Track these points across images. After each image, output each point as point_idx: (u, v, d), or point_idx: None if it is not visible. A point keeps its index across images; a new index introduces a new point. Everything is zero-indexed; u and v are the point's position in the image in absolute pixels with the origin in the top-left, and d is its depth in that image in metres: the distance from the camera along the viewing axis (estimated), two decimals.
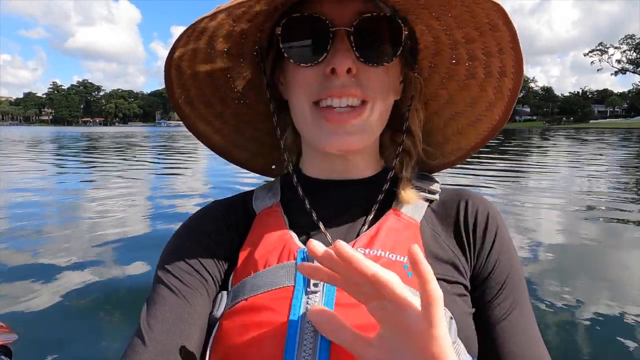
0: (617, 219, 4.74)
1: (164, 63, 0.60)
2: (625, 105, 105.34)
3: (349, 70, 0.56)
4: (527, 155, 13.56)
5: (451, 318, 0.52)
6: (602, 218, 4.80)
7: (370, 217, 0.62)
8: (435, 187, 0.67)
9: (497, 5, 0.52)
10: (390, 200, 0.64)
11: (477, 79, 0.67)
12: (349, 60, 0.56)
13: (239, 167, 0.81)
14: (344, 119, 0.58)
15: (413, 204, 0.63)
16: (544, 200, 5.77)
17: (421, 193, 0.66)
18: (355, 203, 0.65)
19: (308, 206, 0.62)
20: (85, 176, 8.89)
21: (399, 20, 0.58)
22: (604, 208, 5.36)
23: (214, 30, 0.59)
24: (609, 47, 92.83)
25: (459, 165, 0.75)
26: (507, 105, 0.66)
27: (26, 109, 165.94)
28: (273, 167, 0.83)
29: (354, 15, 0.57)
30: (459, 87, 0.70)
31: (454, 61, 0.68)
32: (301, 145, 0.71)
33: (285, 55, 0.59)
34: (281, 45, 0.59)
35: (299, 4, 0.60)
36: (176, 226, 0.66)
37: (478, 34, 0.61)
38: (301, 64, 0.59)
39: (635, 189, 6.98)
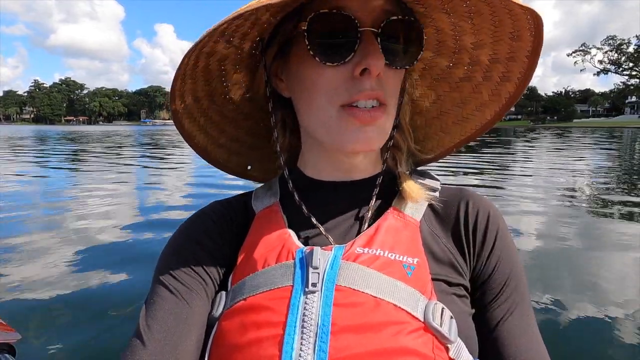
0: (604, 214, 4.77)
1: (189, 50, 0.55)
2: (607, 105, 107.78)
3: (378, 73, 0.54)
4: (514, 154, 13.71)
5: (451, 317, 0.52)
6: (588, 213, 4.83)
7: (369, 215, 0.62)
8: (436, 184, 0.66)
9: (538, 17, 0.51)
10: (390, 199, 0.64)
11: (472, 82, 0.66)
12: (382, 62, 0.54)
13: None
14: (374, 117, 0.56)
15: (413, 203, 0.62)
16: (530, 195, 5.81)
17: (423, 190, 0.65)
18: (356, 203, 0.64)
19: (305, 211, 0.62)
20: (86, 177, 8.72)
21: (422, 26, 0.57)
22: (592, 202, 5.42)
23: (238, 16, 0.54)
24: (591, 48, 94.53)
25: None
26: (503, 107, 0.64)
27: (6, 108, 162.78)
28: (249, 167, 0.82)
29: (379, 14, 0.56)
30: (450, 89, 0.69)
31: (450, 64, 0.67)
32: (289, 145, 0.70)
33: (311, 53, 0.56)
34: (306, 42, 0.56)
35: None
36: (174, 227, 0.67)
37: (492, 41, 0.60)
38: (327, 63, 0.56)
39: (621, 183, 7.10)
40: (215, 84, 0.68)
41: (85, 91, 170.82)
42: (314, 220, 0.61)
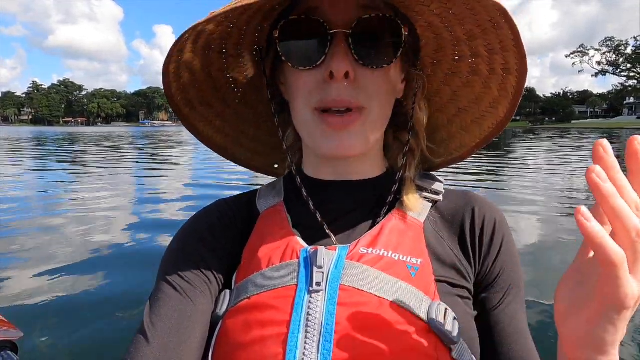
0: None
1: (162, 68, 0.58)
2: (605, 106, 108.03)
3: (347, 75, 0.54)
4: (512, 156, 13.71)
5: (454, 318, 0.52)
6: None
7: (377, 218, 0.62)
8: (439, 187, 0.66)
9: (498, 4, 0.51)
10: (394, 201, 0.64)
11: (480, 76, 0.66)
12: (347, 64, 0.54)
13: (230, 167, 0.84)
14: (345, 124, 0.56)
15: (411, 211, 0.62)
16: (528, 197, 5.79)
17: (424, 194, 0.65)
18: (360, 204, 0.64)
19: (312, 207, 0.62)
20: (89, 180, 8.69)
21: (399, 21, 0.57)
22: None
23: (211, 33, 0.58)
24: (589, 49, 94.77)
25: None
26: (512, 102, 0.64)
27: (5, 109, 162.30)
28: (275, 166, 0.82)
29: (353, 15, 0.55)
30: (462, 83, 0.69)
31: (456, 58, 0.67)
32: (302, 146, 0.70)
33: (284, 58, 0.58)
34: (279, 49, 0.57)
35: (297, 2, 0.58)
36: (177, 226, 0.66)
37: (480, 31, 0.60)
38: (299, 68, 0.57)
39: None
40: (226, 90, 0.70)
41: (83, 92, 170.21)
42: (319, 218, 0.61)
